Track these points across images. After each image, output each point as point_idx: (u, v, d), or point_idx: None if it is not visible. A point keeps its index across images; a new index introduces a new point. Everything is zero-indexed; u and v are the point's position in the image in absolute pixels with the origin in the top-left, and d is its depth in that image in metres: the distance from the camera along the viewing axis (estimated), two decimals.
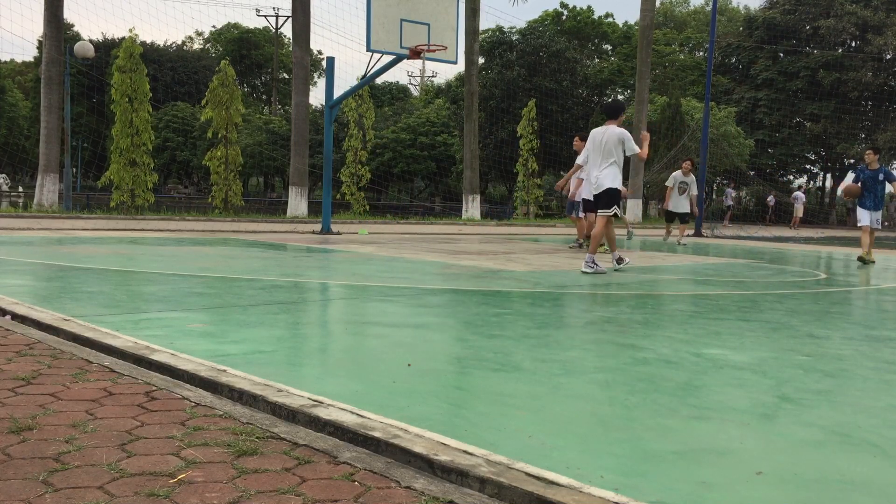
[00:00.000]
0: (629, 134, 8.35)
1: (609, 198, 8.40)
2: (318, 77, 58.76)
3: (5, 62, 62.86)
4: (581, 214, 11.74)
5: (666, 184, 15.35)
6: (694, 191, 15.06)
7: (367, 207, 25.75)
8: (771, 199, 38.53)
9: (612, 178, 8.34)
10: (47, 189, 19.42)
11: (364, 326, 4.50)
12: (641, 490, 2.04)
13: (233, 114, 21.87)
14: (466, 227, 21.28)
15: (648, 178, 30.68)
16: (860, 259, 11.96)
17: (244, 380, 2.97)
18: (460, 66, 30.18)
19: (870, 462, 2.37)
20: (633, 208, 28.61)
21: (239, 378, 3.00)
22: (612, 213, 8.42)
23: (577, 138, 12.30)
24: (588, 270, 8.09)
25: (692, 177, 15.03)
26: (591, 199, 10.36)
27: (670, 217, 15.60)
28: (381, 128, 39.87)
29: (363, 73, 13.25)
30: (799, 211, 33.22)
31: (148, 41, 49.78)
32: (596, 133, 8.49)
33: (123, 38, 21.08)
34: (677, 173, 15.17)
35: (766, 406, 2.99)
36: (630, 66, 41.52)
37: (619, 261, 8.70)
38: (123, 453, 2.19)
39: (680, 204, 15.06)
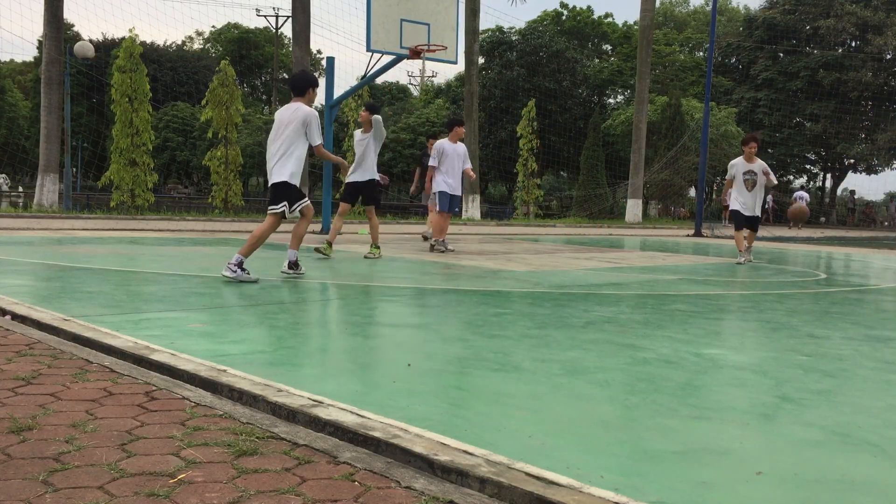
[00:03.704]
0: (318, 119, 6.78)
1: (277, 192, 6.72)
2: (318, 77, 58.71)
3: (5, 62, 62.85)
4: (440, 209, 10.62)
5: (727, 177, 11.23)
6: (774, 181, 10.94)
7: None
8: (769, 200, 38.13)
9: (287, 167, 6.66)
10: (47, 189, 19.42)
11: (364, 326, 4.50)
12: (641, 490, 2.04)
13: (233, 114, 21.86)
14: (466, 226, 21.26)
15: (648, 177, 30.65)
16: None
17: (244, 380, 2.97)
18: (460, 66, 30.21)
19: (870, 462, 2.37)
20: (633, 208, 28.56)
21: (239, 378, 3.00)
22: (280, 211, 6.68)
23: (430, 141, 12.57)
24: (228, 274, 6.38)
25: (759, 161, 10.79)
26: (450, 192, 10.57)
27: (740, 222, 10.87)
28: None
29: (363, 73, 13.26)
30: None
31: (148, 41, 49.76)
32: (283, 112, 6.85)
33: (123, 38, 21.06)
34: (738, 161, 10.90)
35: (766, 406, 2.99)
36: (630, 66, 41.53)
37: (294, 266, 6.97)
38: (123, 453, 2.19)
39: (753, 203, 10.85)
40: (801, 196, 34.01)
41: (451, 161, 10.63)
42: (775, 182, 10.82)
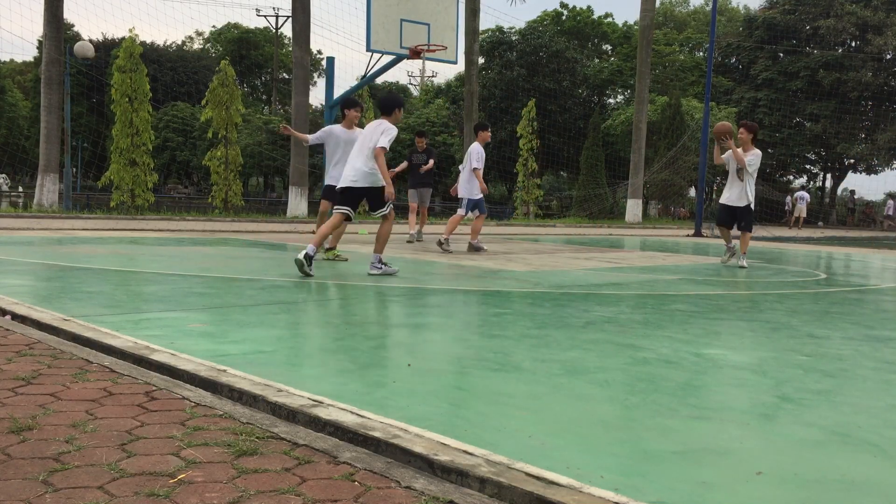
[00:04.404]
0: (395, 132, 7.43)
1: (379, 196, 7.54)
2: (318, 77, 58.74)
3: (5, 62, 62.83)
4: (470, 213, 10.98)
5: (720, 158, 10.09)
6: (748, 167, 9.68)
7: (367, 207, 25.72)
8: (788, 201, 37.19)
9: (380, 174, 7.45)
10: (47, 189, 19.42)
11: (364, 326, 4.50)
12: (641, 490, 2.04)
13: (233, 114, 21.86)
14: (466, 227, 21.26)
15: (648, 177, 30.64)
16: None
17: (244, 380, 2.97)
18: (460, 66, 30.19)
19: (870, 462, 2.37)
20: (633, 208, 28.56)
21: (239, 378, 3.00)
22: (388, 212, 7.62)
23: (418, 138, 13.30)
24: (374, 272, 7.33)
25: (754, 153, 9.71)
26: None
27: (724, 217, 10.04)
28: None
29: (363, 73, 13.27)
30: (802, 211, 32.89)
31: (148, 41, 49.76)
32: (368, 128, 7.57)
33: (123, 38, 21.07)
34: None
35: (766, 406, 2.99)
36: (630, 66, 41.52)
37: (309, 260, 7.39)
38: (123, 453, 2.19)
39: (739, 195, 9.78)
40: (802, 196, 33.86)
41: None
42: (747, 168, 9.60)
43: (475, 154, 10.78)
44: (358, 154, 7.48)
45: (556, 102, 41.82)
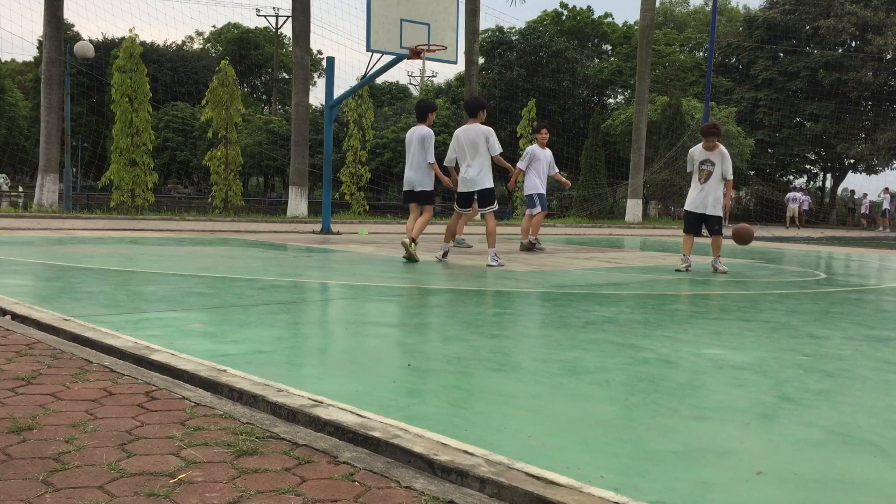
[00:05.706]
0: (493, 132, 8.54)
1: (489, 195, 8.72)
2: (318, 77, 58.75)
3: (5, 62, 62.79)
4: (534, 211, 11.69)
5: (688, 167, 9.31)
6: (729, 174, 8.94)
7: (367, 207, 25.75)
8: (806, 201, 36.60)
9: (489, 176, 8.63)
10: (47, 189, 19.42)
11: (364, 326, 4.50)
12: (641, 490, 2.04)
13: (233, 114, 21.87)
14: (466, 226, 21.25)
15: (648, 177, 30.64)
16: None
17: (244, 380, 2.97)
18: (460, 66, 30.17)
19: (870, 462, 2.37)
20: (633, 208, 28.55)
21: (239, 378, 3.00)
22: (495, 210, 8.78)
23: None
24: (493, 264, 8.49)
25: (721, 152, 8.89)
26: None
27: (691, 224, 9.19)
28: (380, 128, 39.83)
29: (363, 73, 13.27)
30: (793, 211, 32.82)
31: (148, 41, 49.73)
32: (463, 133, 8.69)
33: (123, 38, 21.07)
34: (696, 149, 9.06)
35: (766, 406, 2.99)
36: (630, 66, 41.52)
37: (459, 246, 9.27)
38: (123, 453, 2.19)
39: (705, 199, 8.96)
40: (794, 197, 33.64)
41: (540, 164, 11.67)
42: (730, 177, 8.97)
43: (525, 154, 11.80)
44: (462, 160, 8.64)
45: (556, 102, 41.85)
